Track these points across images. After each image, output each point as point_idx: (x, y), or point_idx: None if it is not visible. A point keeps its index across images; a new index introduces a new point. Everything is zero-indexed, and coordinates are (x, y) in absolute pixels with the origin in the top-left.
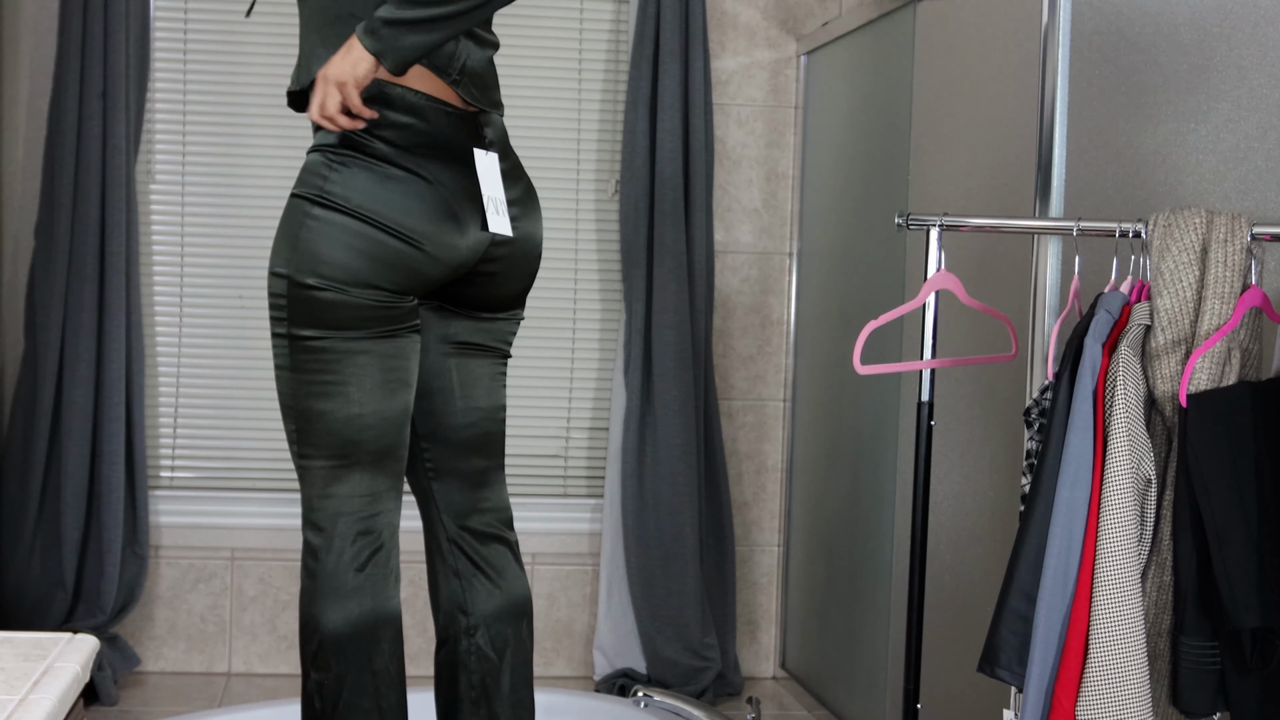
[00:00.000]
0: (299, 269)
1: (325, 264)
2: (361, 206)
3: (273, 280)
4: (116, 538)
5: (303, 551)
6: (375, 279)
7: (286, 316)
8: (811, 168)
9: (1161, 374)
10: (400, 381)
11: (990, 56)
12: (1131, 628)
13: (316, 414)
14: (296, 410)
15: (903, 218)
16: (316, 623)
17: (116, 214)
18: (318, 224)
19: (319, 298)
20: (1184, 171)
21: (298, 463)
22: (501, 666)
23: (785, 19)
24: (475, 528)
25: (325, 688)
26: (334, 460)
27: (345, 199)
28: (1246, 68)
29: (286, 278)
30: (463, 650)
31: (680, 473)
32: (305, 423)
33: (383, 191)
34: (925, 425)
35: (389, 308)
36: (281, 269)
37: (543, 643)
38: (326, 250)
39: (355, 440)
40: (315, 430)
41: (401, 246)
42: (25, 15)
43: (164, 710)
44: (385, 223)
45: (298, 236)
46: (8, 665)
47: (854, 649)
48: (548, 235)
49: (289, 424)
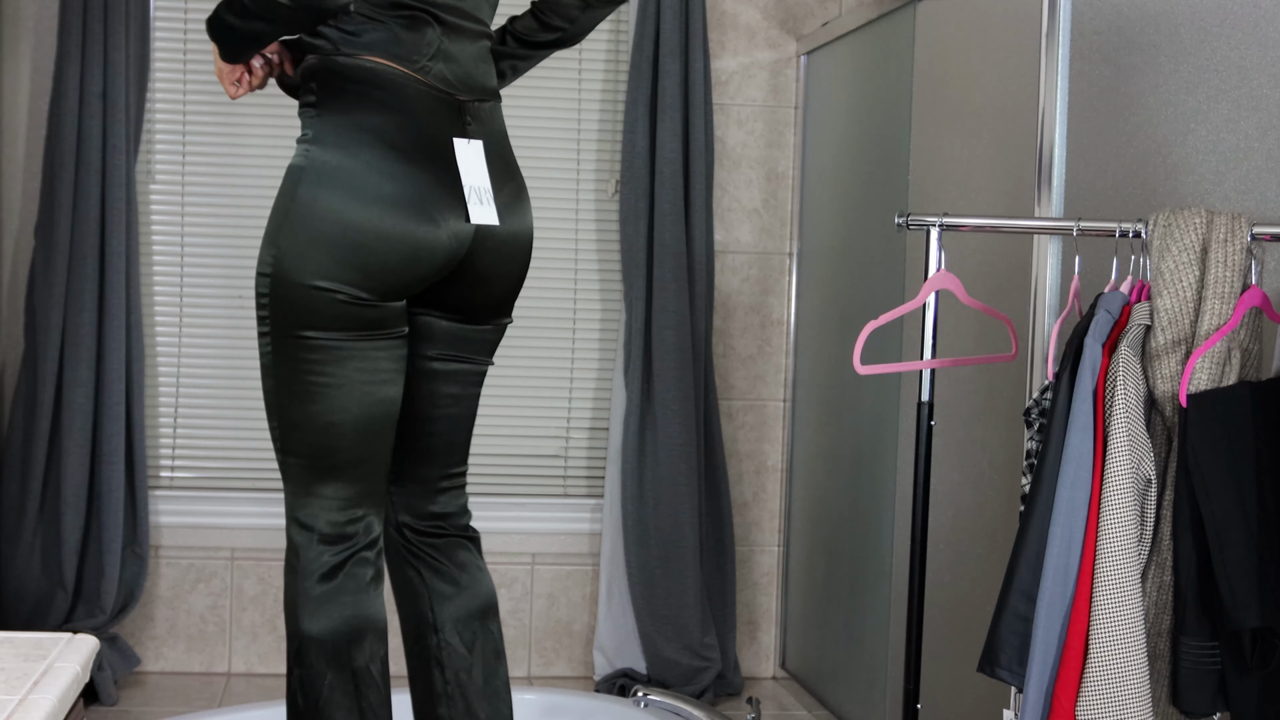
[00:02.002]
0: (280, 267)
1: (305, 263)
2: (333, 209)
3: (258, 279)
4: (116, 538)
5: (286, 549)
6: (352, 279)
7: (269, 315)
8: (811, 168)
9: (1161, 374)
10: (383, 385)
11: (990, 56)
12: (1131, 628)
13: (296, 416)
14: (278, 410)
15: (903, 218)
16: (297, 621)
17: (116, 214)
18: (295, 224)
19: (299, 297)
20: (1184, 171)
21: (280, 460)
22: (473, 660)
23: (785, 19)
24: (436, 530)
25: (306, 684)
26: (313, 462)
27: (314, 200)
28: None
29: (269, 276)
30: (433, 647)
31: (680, 473)
32: (286, 424)
33: (354, 191)
34: (925, 425)
35: (368, 307)
36: (264, 268)
37: (543, 643)
38: (305, 250)
39: (332, 445)
40: (294, 432)
41: (375, 245)
42: (25, 15)
43: (164, 710)
44: (358, 223)
45: (278, 236)
46: (8, 665)
47: (854, 649)
48: (548, 235)
49: (271, 422)
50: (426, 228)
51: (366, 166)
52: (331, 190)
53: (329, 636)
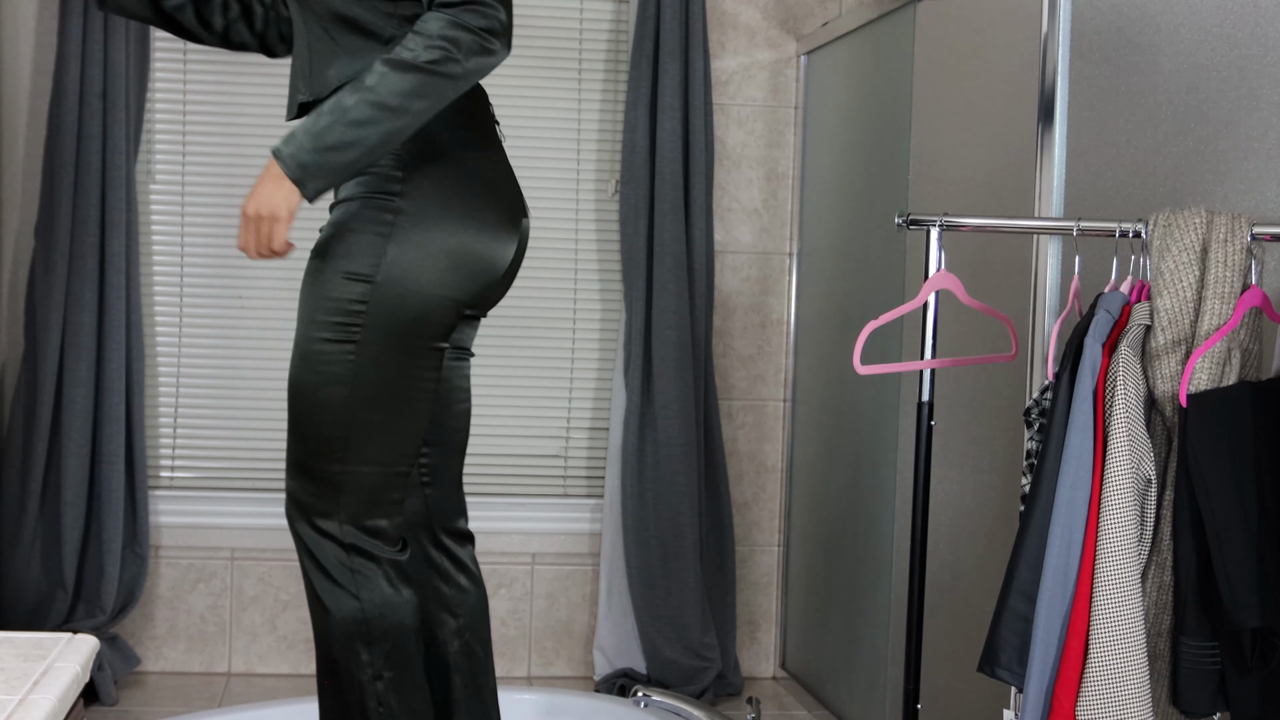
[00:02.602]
0: (388, 275)
1: (423, 272)
2: (446, 226)
3: (343, 284)
4: (116, 538)
5: (338, 566)
6: (466, 287)
7: (362, 323)
8: (811, 168)
9: (1161, 374)
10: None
11: (990, 56)
12: (1131, 628)
13: (378, 424)
14: (350, 421)
15: (903, 218)
16: (390, 628)
17: (116, 214)
18: (404, 234)
19: (412, 305)
20: (1184, 171)
21: (336, 472)
22: (487, 663)
23: (785, 19)
24: (456, 529)
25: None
26: (385, 469)
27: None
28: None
29: (368, 282)
30: (454, 652)
31: (680, 473)
32: (362, 433)
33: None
34: (925, 425)
35: (462, 317)
36: (361, 273)
37: (543, 643)
38: (422, 258)
39: (410, 452)
40: (373, 441)
41: (486, 256)
42: (25, 15)
43: (164, 710)
44: (472, 239)
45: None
46: (8, 665)
47: (854, 649)
48: (548, 235)
49: (333, 433)
50: (513, 234)
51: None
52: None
53: (412, 623)
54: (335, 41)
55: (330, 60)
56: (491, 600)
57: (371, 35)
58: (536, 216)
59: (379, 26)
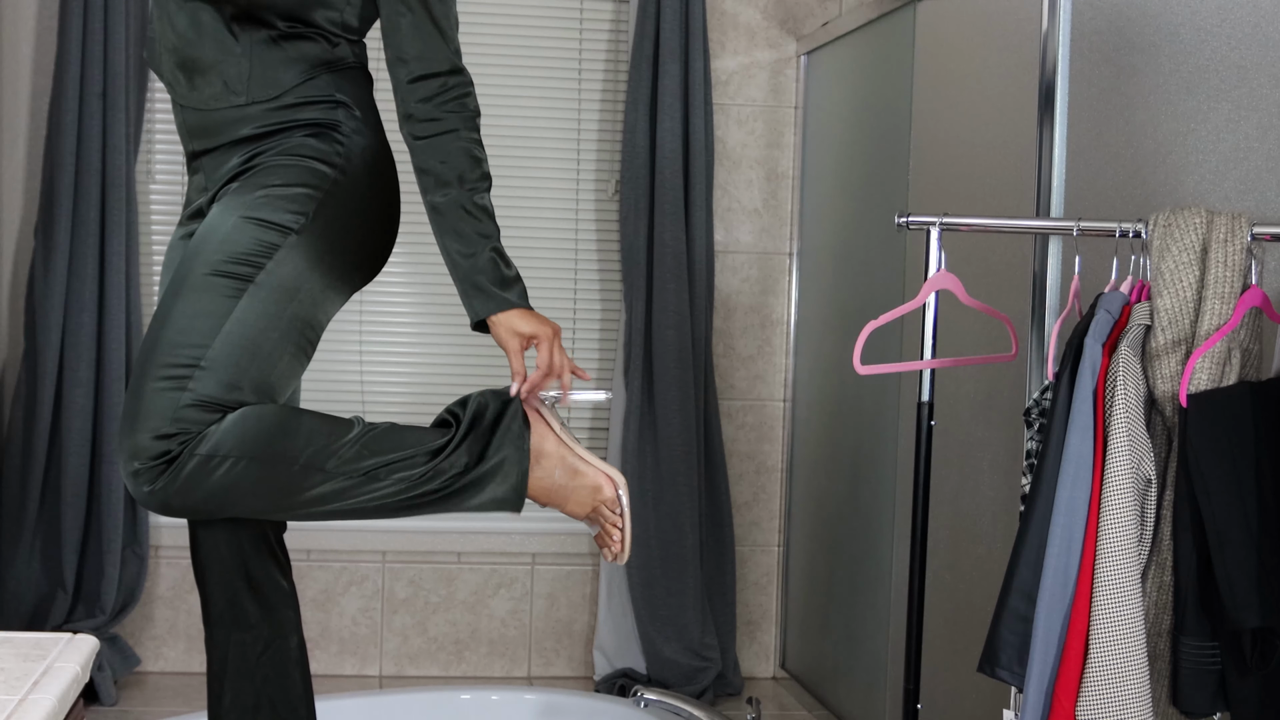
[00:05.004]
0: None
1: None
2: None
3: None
4: (116, 538)
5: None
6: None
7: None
8: (811, 168)
9: (1161, 374)
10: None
11: (990, 56)
12: (1131, 628)
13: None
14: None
15: (903, 218)
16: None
17: (116, 214)
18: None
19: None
20: (1184, 171)
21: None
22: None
23: (785, 19)
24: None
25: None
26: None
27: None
28: (1246, 68)
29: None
30: (294, 646)
31: (680, 473)
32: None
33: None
34: (925, 425)
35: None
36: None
37: (543, 643)
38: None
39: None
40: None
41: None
42: (25, 15)
43: (164, 710)
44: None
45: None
46: (8, 665)
47: (854, 649)
48: (548, 235)
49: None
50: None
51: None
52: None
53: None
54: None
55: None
56: (492, 600)
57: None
58: (537, 216)
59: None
